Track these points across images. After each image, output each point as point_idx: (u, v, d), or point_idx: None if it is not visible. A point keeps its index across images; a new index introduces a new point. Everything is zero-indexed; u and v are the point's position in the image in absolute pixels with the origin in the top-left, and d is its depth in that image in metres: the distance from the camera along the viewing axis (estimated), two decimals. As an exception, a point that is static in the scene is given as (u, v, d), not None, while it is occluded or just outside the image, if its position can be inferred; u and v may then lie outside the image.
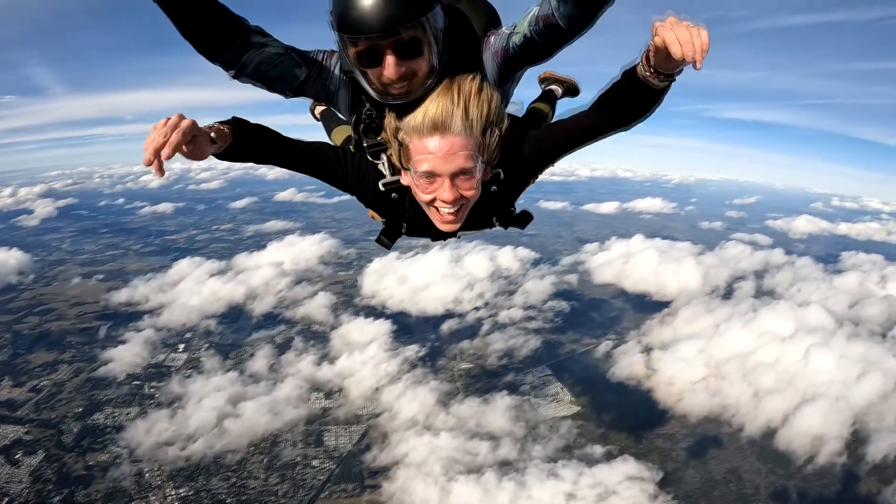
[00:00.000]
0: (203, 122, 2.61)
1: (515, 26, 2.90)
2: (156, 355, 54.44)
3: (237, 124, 2.83)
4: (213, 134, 2.61)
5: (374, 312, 65.37)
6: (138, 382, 50.03)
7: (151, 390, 48.90)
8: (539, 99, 5.08)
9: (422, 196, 2.93)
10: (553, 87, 5.23)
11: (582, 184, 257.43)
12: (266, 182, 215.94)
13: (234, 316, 64.51)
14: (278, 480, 40.02)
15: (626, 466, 41.28)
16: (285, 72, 2.98)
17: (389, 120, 2.91)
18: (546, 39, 2.80)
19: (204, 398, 46.44)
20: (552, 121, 4.20)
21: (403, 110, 2.88)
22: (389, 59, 2.68)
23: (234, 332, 60.69)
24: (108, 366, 51.71)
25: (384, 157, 3.13)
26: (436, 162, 2.73)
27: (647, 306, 73.94)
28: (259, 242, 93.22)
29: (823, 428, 46.41)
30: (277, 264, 78.36)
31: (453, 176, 2.78)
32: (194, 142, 2.44)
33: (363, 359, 53.65)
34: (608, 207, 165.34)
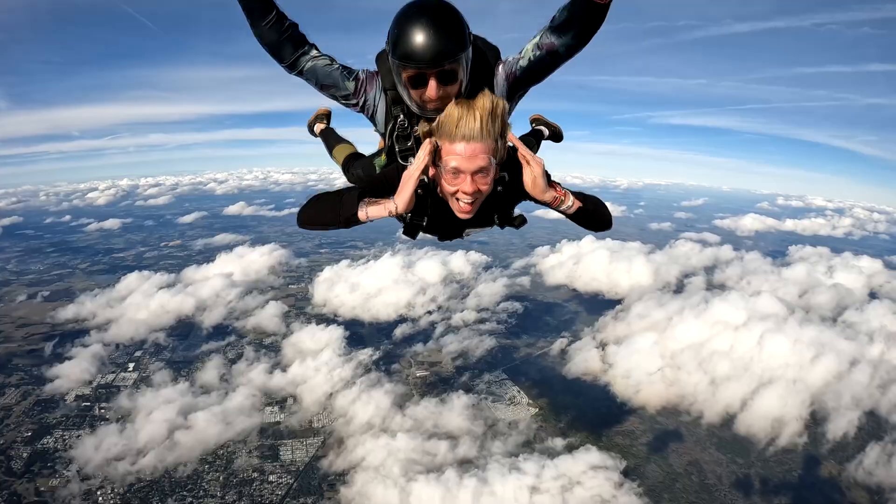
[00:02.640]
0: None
1: (521, 53, 3.72)
2: (105, 374, 52.88)
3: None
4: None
5: (326, 320, 64.75)
6: (88, 404, 48.52)
7: (102, 411, 47.43)
8: (528, 135, 6.04)
9: (447, 188, 3.60)
10: (541, 128, 6.22)
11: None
12: (215, 197, 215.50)
13: (184, 328, 63.33)
14: (235, 497, 38.88)
15: (589, 457, 41.28)
16: (336, 81, 3.90)
17: (424, 125, 3.60)
18: (547, 63, 3.66)
19: (154, 411, 45.25)
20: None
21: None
22: (432, 84, 3.45)
23: (184, 346, 59.42)
24: (55, 384, 50.18)
25: (412, 159, 3.73)
26: (462, 161, 3.40)
27: (600, 304, 75.04)
28: (208, 256, 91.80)
29: (782, 410, 47.49)
30: (227, 275, 77.34)
31: (474, 173, 3.45)
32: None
33: (316, 365, 52.88)
34: (558, 213, 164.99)
